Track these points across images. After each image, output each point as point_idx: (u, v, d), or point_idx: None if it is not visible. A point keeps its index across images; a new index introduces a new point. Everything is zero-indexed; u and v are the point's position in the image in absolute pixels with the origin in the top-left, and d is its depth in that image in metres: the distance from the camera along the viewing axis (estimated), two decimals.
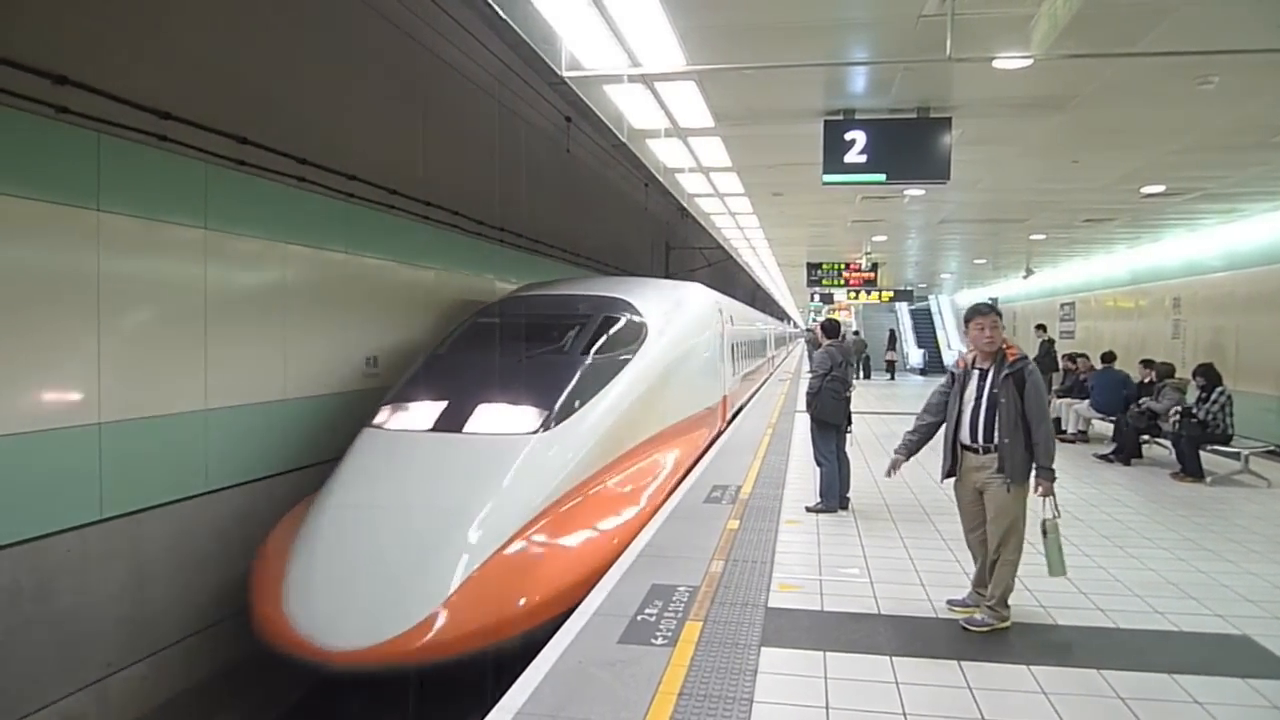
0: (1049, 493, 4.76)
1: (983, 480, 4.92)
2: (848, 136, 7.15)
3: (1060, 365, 14.77)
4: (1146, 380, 11.39)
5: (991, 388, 4.90)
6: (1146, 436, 10.82)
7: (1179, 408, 10.06)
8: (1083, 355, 14.08)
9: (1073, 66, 6.05)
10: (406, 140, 10.39)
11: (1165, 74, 6.19)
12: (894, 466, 5.44)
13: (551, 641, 4.54)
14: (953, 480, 5.17)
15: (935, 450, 5.32)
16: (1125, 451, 10.76)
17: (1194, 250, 14.87)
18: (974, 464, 4.98)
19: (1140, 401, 10.90)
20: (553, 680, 4.06)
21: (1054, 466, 4.81)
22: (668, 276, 22.99)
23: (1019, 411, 4.77)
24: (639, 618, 4.90)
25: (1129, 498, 8.63)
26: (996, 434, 4.84)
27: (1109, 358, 12.62)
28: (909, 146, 7.19)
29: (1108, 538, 6.94)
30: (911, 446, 5.38)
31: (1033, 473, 4.80)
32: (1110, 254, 18.42)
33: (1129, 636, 4.80)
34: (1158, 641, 4.74)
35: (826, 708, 3.84)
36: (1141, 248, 16.89)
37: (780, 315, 55.69)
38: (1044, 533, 4.80)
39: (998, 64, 5.95)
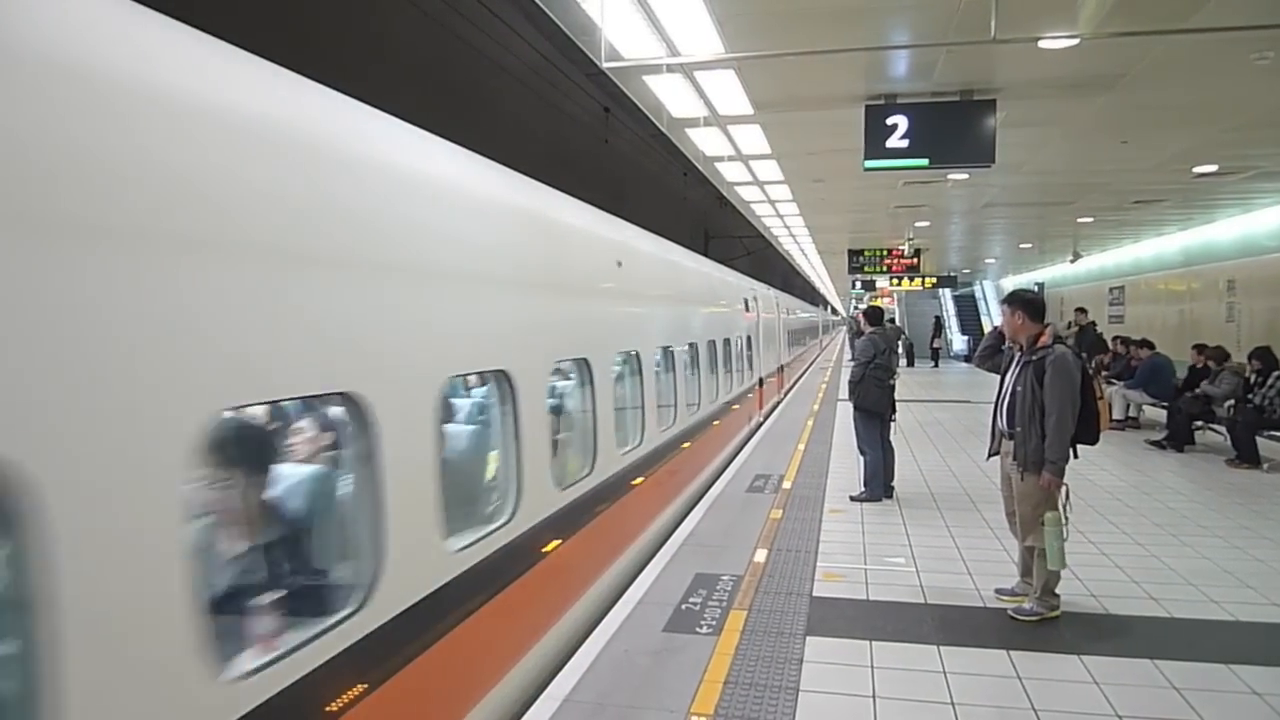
0: (1049, 485, 4.70)
1: (1009, 465, 4.96)
2: (889, 121, 7.06)
3: (1111, 347, 14.48)
4: (1200, 365, 11.12)
5: (1015, 374, 4.94)
6: (1200, 422, 10.58)
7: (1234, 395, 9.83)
8: (1135, 342, 13.78)
9: (1121, 45, 5.90)
10: (439, 132, 10.47)
11: (1218, 50, 6.01)
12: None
13: (597, 630, 4.58)
14: (998, 460, 5.20)
15: (979, 437, 5.29)
16: (1178, 438, 10.52)
17: (1249, 230, 14.47)
18: (1006, 448, 5.03)
19: (1197, 387, 10.64)
20: (599, 668, 4.10)
21: (1070, 456, 4.73)
22: None
23: (1035, 400, 4.73)
24: (683, 606, 4.93)
25: (1182, 485, 8.44)
26: (1015, 420, 4.85)
27: (1146, 345, 12.41)
28: (952, 130, 7.08)
29: (1160, 525, 6.80)
30: None
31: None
32: (1161, 236, 17.98)
33: (1184, 626, 4.72)
34: (1214, 631, 4.65)
35: (873, 697, 3.83)
36: (1194, 229, 16.47)
37: (815, 301, 55.02)
38: (1041, 524, 4.74)
39: (1044, 44, 5.82)
